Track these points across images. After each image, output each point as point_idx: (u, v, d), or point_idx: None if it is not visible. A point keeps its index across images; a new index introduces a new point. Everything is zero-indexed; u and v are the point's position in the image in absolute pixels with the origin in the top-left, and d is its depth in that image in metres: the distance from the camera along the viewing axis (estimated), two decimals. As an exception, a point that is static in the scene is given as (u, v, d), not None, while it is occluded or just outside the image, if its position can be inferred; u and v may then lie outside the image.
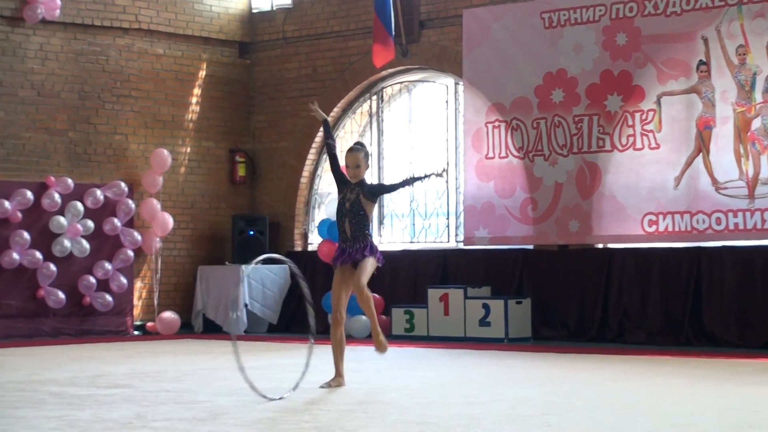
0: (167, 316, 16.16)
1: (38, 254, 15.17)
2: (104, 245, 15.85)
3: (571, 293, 14.53)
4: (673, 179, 13.78)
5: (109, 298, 15.77)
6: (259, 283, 16.26)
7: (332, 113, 16.80)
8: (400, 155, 16.71)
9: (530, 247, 14.96)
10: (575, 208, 14.40)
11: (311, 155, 17.09)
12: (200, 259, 17.04)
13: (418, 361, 12.13)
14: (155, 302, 16.49)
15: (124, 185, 16.01)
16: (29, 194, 15.18)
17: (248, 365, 11.21)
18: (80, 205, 15.56)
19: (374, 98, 16.88)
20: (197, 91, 17.24)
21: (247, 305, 16.08)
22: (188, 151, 17.10)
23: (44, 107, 15.72)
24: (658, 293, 13.94)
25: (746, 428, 7.16)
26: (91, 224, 15.62)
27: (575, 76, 14.47)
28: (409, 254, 16.07)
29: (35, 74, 15.65)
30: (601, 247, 14.55)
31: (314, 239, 17.04)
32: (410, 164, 16.40)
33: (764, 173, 13.20)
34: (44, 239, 15.30)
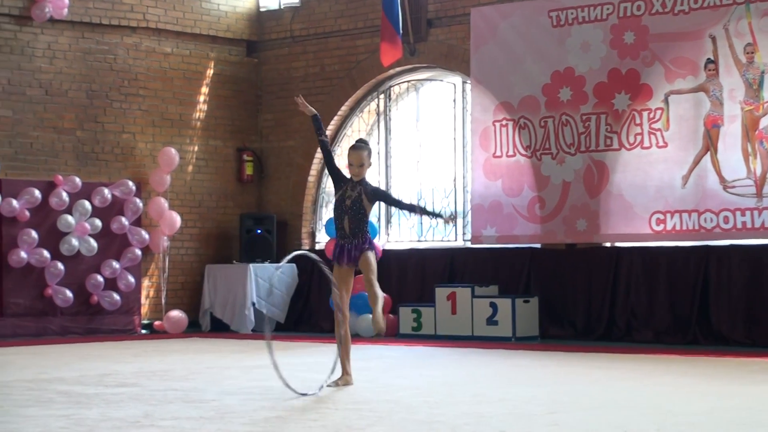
0: (175, 314, 16.17)
1: (46, 253, 15.18)
2: (112, 244, 15.86)
3: (578, 292, 14.52)
4: (680, 178, 13.76)
5: (116, 296, 15.77)
6: (266, 281, 16.26)
7: (340, 112, 16.82)
8: (407, 154, 16.70)
9: (538, 245, 14.96)
10: (583, 206, 14.38)
11: (319, 154, 17.05)
12: (208, 257, 17.05)
13: (425, 360, 12.13)
14: (163, 301, 16.50)
15: (131, 184, 16.02)
16: (37, 193, 15.19)
17: (257, 364, 11.24)
18: (88, 203, 15.57)
19: (382, 97, 16.87)
20: (205, 89, 17.24)
21: (254, 304, 16.09)
22: (196, 149, 17.11)
23: (52, 106, 15.74)
24: (665, 292, 13.92)
25: (754, 427, 7.14)
26: (98, 223, 15.63)
27: (583, 74, 14.45)
28: (416, 253, 16.07)
29: (43, 73, 15.67)
30: (608, 245, 14.53)
31: (322, 238, 17.03)
32: (417, 163, 16.40)
33: (772, 172, 13.20)
34: (52, 238, 15.31)
